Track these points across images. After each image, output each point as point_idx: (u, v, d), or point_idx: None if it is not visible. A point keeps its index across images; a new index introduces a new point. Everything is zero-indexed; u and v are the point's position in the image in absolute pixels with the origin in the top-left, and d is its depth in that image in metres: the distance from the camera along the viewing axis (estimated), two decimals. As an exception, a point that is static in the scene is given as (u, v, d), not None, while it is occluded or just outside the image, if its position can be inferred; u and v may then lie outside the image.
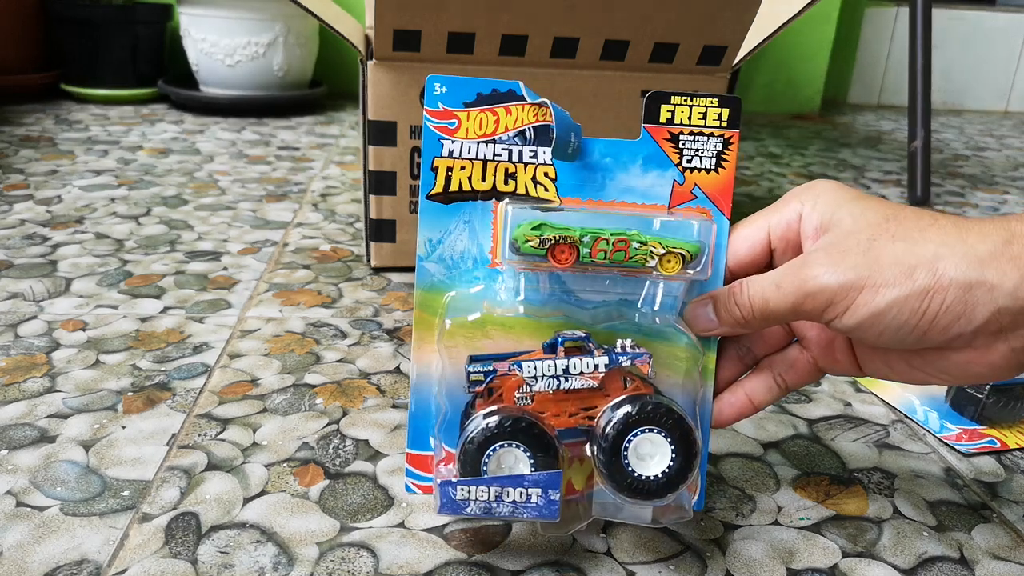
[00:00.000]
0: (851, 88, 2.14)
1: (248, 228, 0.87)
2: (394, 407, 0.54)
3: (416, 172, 0.72)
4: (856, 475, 0.49)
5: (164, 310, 0.66)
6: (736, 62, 0.73)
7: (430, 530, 0.42)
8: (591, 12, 0.66)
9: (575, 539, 0.42)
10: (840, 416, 0.56)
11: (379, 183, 0.72)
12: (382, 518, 0.43)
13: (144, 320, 0.64)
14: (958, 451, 0.52)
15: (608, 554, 0.41)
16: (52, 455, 0.46)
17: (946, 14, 2.03)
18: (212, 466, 0.46)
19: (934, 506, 0.47)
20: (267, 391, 0.54)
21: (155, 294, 0.69)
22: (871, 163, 1.40)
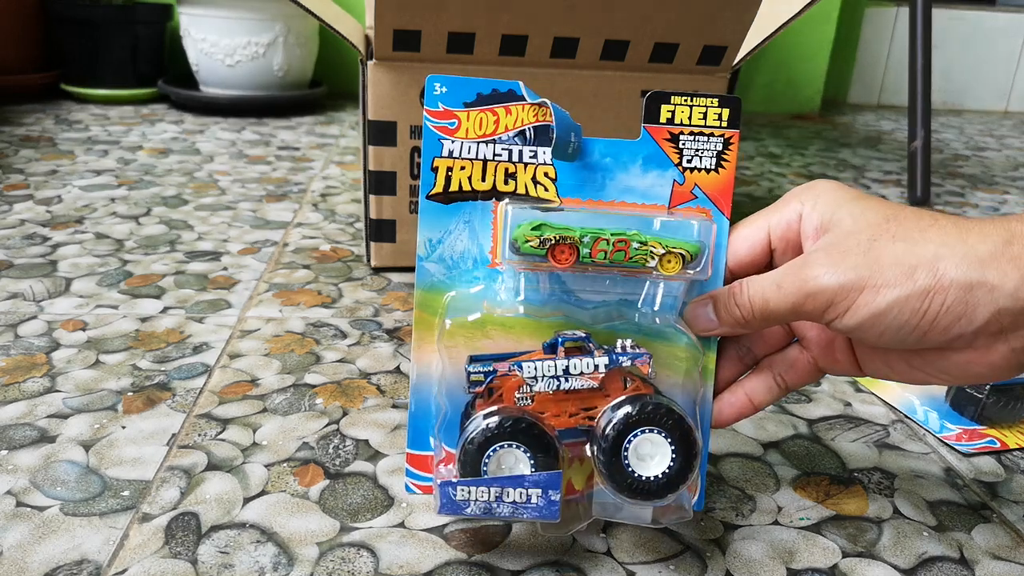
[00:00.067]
0: (851, 88, 2.14)
1: (248, 228, 0.87)
2: (394, 407, 0.54)
3: (416, 172, 0.72)
4: (856, 475, 0.49)
5: (164, 310, 0.66)
6: (736, 62, 0.73)
7: (430, 530, 0.42)
8: (591, 12, 0.66)
9: (575, 539, 0.42)
10: (840, 416, 0.56)
11: (379, 183, 0.72)
12: (382, 518, 0.43)
13: (144, 320, 0.64)
14: (958, 451, 0.52)
15: (608, 554, 0.41)
16: (52, 455, 0.46)
17: (946, 14, 2.03)
18: (212, 466, 0.46)
19: (934, 506, 0.47)
20: (267, 391, 0.54)
21: (155, 294, 0.69)
22: (871, 163, 1.40)
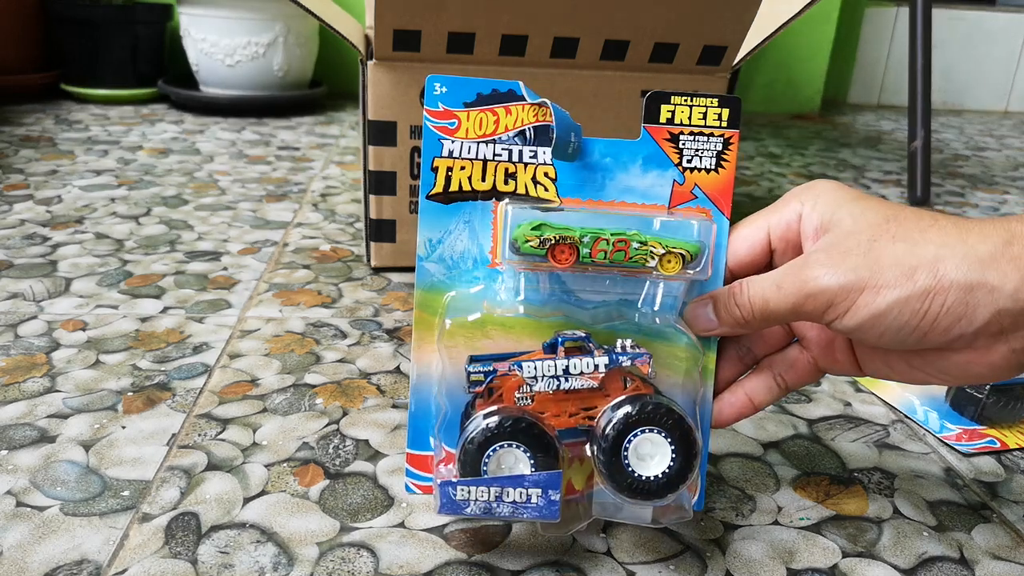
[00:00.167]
0: (851, 88, 2.14)
1: (248, 228, 0.87)
2: (394, 407, 0.54)
3: (416, 172, 0.72)
4: (856, 475, 0.49)
5: (164, 310, 0.66)
6: (736, 62, 0.73)
7: (430, 530, 0.42)
8: (591, 12, 0.66)
9: (575, 539, 0.42)
10: (840, 416, 0.56)
11: (379, 183, 0.72)
12: (382, 518, 0.43)
13: (144, 320, 0.64)
14: (958, 451, 0.52)
15: (608, 554, 0.41)
16: (52, 455, 0.46)
17: (946, 14, 2.03)
18: (212, 466, 0.46)
19: (934, 506, 0.47)
20: (267, 391, 0.54)
21: (155, 294, 0.69)
22: (871, 163, 1.40)
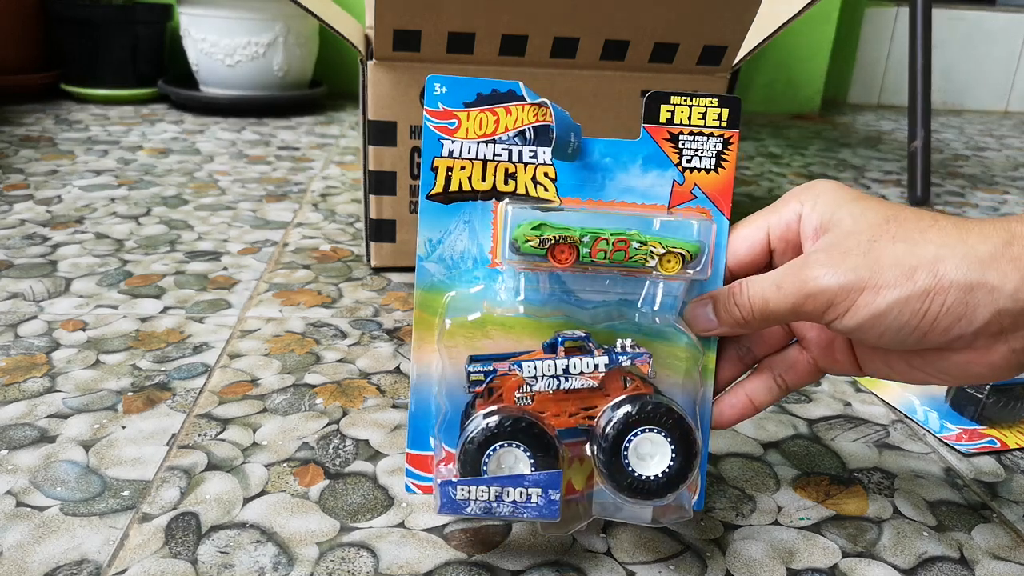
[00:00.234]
0: (851, 88, 2.14)
1: (248, 228, 0.87)
2: (394, 407, 0.54)
3: (416, 172, 0.72)
4: (856, 475, 0.49)
5: (164, 310, 0.66)
6: (736, 62, 0.73)
7: (430, 530, 0.42)
8: (591, 12, 0.66)
9: (575, 539, 0.42)
10: (840, 416, 0.56)
11: (379, 183, 0.72)
12: (382, 518, 0.43)
13: (144, 320, 0.64)
14: (958, 451, 0.52)
15: (608, 554, 0.41)
16: (52, 455, 0.46)
17: (946, 14, 2.03)
18: (212, 466, 0.46)
19: (934, 506, 0.47)
20: (267, 391, 0.54)
21: (155, 294, 0.69)
22: (871, 163, 1.40)
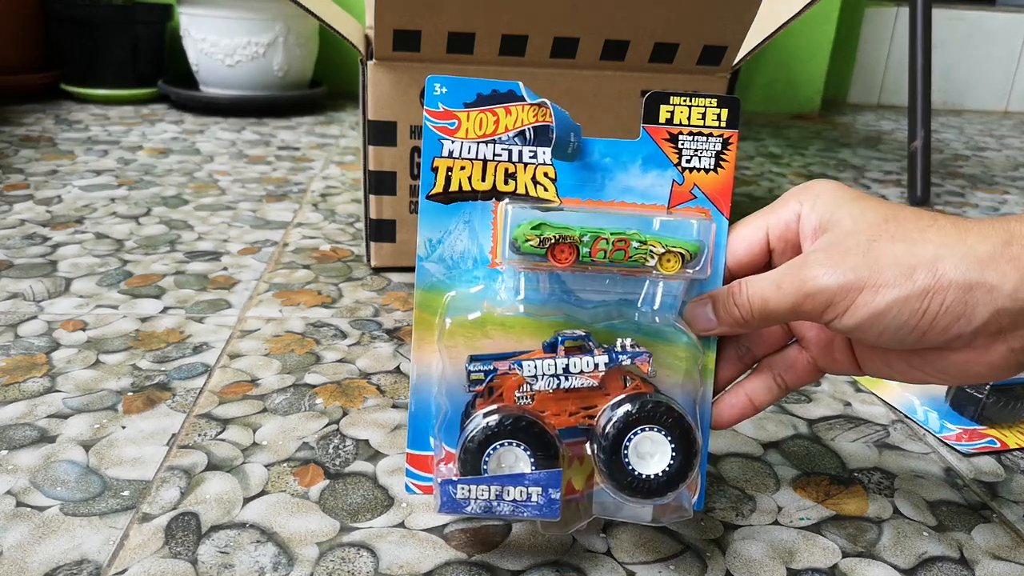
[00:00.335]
0: (851, 88, 2.14)
1: (248, 228, 0.87)
2: (394, 407, 0.54)
3: (416, 172, 0.72)
4: (856, 475, 0.49)
5: (164, 310, 0.66)
6: (736, 62, 0.73)
7: (430, 530, 0.42)
8: (591, 12, 0.66)
9: (575, 539, 0.42)
10: (840, 416, 0.56)
11: (379, 183, 0.72)
12: (382, 518, 0.43)
13: (144, 320, 0.64)
14: (958, 451, 0.53)
15: (608, 554, 0.41)
16: (52, 455, 0.46)
17: (946, 14, 2.03)
18: (212, 466, 0.46)
19: (934, 506, 0.47)
20: (267, 391, 0.54)
21: (155, 294, 0.69)
22: (871, 163, 1.40)
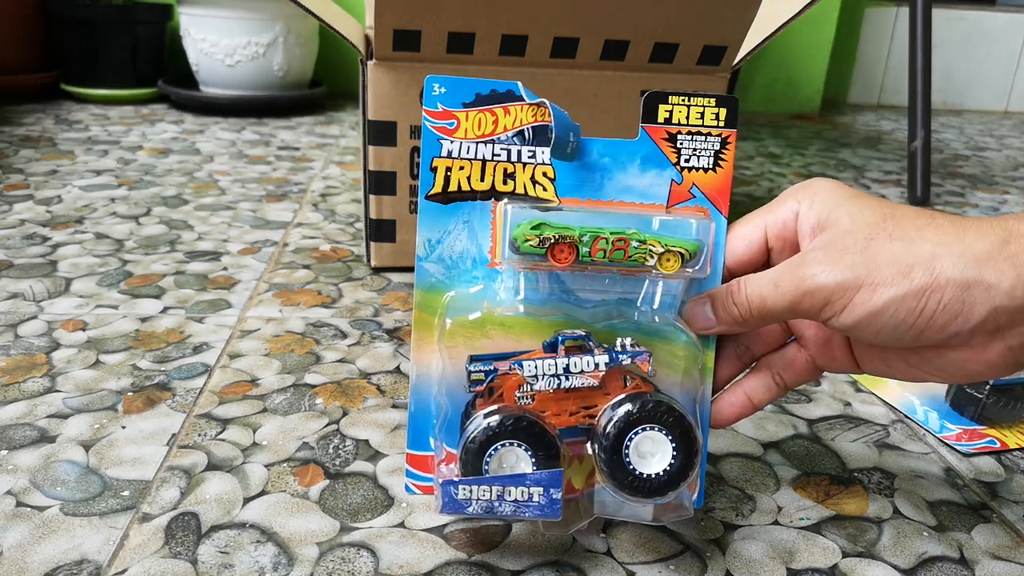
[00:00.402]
0: (851, 88, 2.14)
1: (248, 228, 0.87)
2: (394, 407, 0.54)
3: (416, 172, 0.72)
4: (856, 475, 0.49)
5: (164, 310, 0.66)
6: (736, 62, 0.73)
7: (430, 530, 0.42)
8: (591, 12, 0.66)
9: (575, 539, 0.42)
10: (840, 416, 0.56)
11: (379, 183, 0.72)
12: (382, 518, 0.43)
13: (144, 320, 0.64)
14: (958, 451, 0.53)
15: (608, 554, 0.41)
16: (52, 455, 0.46)
17: (946, 14, 2.03)
18: (212, 466, 0.46)
19: (934, 506, 0.47)
20: (267, 391, 0.54)
21: (155, 294, 0.69)
22: (871, 163, 1.40)
